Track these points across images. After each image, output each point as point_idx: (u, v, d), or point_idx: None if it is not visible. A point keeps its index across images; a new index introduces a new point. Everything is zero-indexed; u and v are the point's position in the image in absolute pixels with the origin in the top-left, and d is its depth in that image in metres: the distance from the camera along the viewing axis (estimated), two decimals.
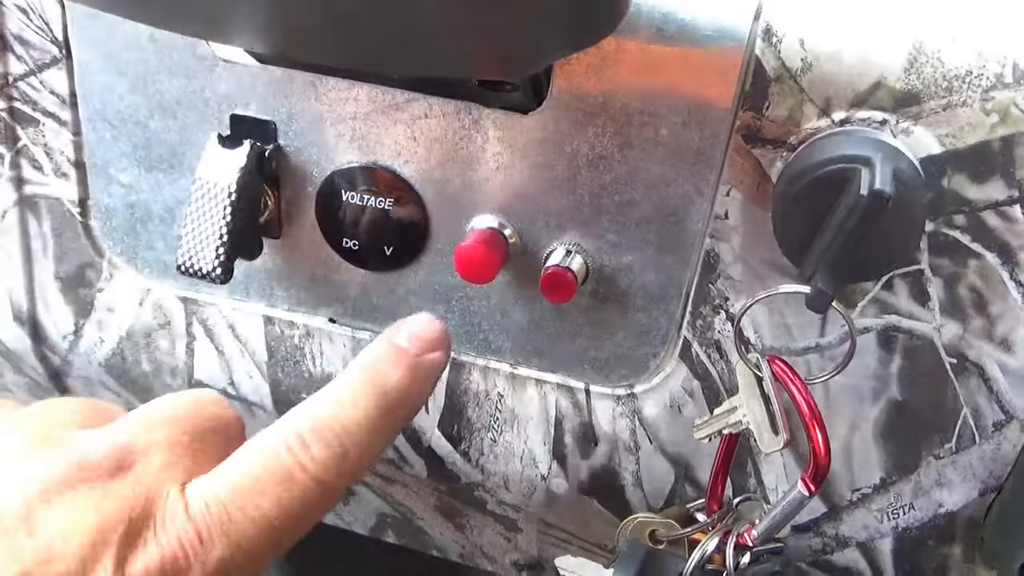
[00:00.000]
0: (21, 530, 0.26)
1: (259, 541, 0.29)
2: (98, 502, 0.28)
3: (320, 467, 0.30)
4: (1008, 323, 0.38)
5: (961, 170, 0.36)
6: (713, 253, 0.40)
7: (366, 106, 0.40)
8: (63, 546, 0.26)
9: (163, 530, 0.28)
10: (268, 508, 0.29)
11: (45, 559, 0.26)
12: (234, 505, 0.29)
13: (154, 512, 0.28)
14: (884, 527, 0.44)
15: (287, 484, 0.30)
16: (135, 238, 0.47)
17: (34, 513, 0.27)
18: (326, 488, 0.30)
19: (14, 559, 0.26)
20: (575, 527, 0.51)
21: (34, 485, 0.28)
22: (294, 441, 0.30)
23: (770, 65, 0.36)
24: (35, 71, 0.44)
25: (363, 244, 0.43)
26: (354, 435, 0.31)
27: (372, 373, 0.33)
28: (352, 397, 0.32)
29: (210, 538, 0.28)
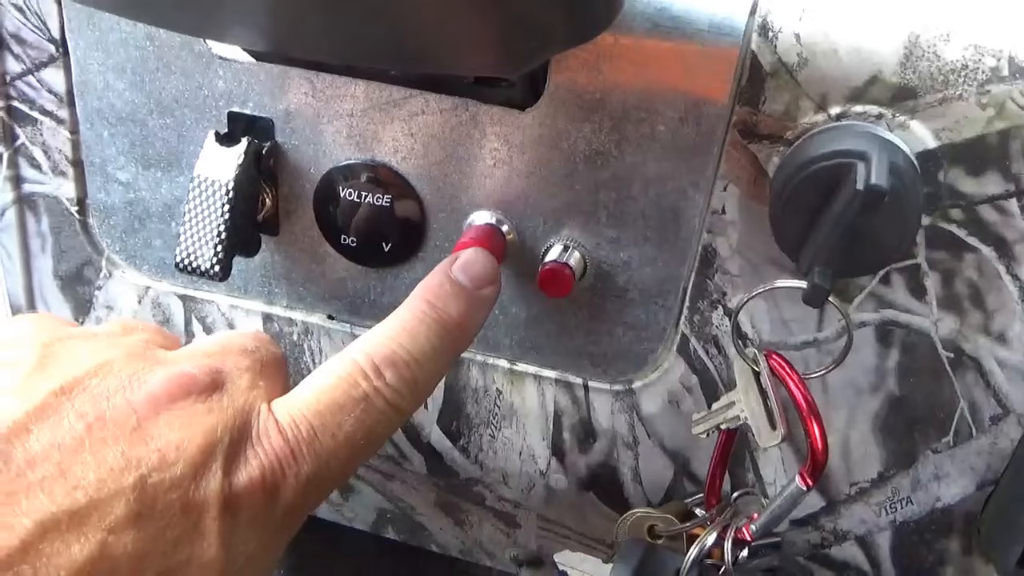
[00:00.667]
0: (135, 436, 0.28)
1: (342, 458, 0.31)
2: (202, 416, 0.29)
3: (393, 392, 0.33)
4: (1005, 317, 0.38)
5: (957, 164, 0.36)
6: (710, 248, 0.40)
7: (363, 103, 0.41)
8: (176, 454, 0.28)
9: (260, 444, 0.30)
10: (350, 428, 0.31)
11: (160, 465, 0.28)
12: (320, 423, 0.31)
13: (250, 428, 0.30)
14: (882, 521, 0.44)
15: (365, 406, 0.32)
16: (133, 236, 0.47)
17: (145, 422, 0.29)
18: (398, 411, 0.33)
19: (132, 464, 0.27)
20: (574, 522, 0.51)
21: (141, 395, 0.29)
22: (369, 367, 0.33)
23: (766, 60, 0.36)
24: (32, 70, 0.45)
25: (361, 241, 0.43)
26: (421, 364, 0.34)
27: (435, 308, 0.35)
28: (418, 328, 0.34)
29: (301, 454, 0.30)
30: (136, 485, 0.27)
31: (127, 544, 0.26)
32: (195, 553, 0.28)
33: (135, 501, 0.27)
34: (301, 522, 0.32)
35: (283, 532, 0.31)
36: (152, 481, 0.27)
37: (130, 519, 0.26)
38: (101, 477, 0.27)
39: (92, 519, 0.26)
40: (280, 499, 0.30)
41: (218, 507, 0.28)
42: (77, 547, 0.25)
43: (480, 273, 0.37)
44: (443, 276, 0.37)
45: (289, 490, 0.30)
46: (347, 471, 0.32)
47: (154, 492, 0.27)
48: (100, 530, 0.26)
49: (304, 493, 0.30)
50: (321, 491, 0.32)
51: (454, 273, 0.37)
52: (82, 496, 0.26)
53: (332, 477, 0.31)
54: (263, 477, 0.29)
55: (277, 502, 0.30)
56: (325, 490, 0.32)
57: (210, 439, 0.29)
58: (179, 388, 0.30)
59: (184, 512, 0.28)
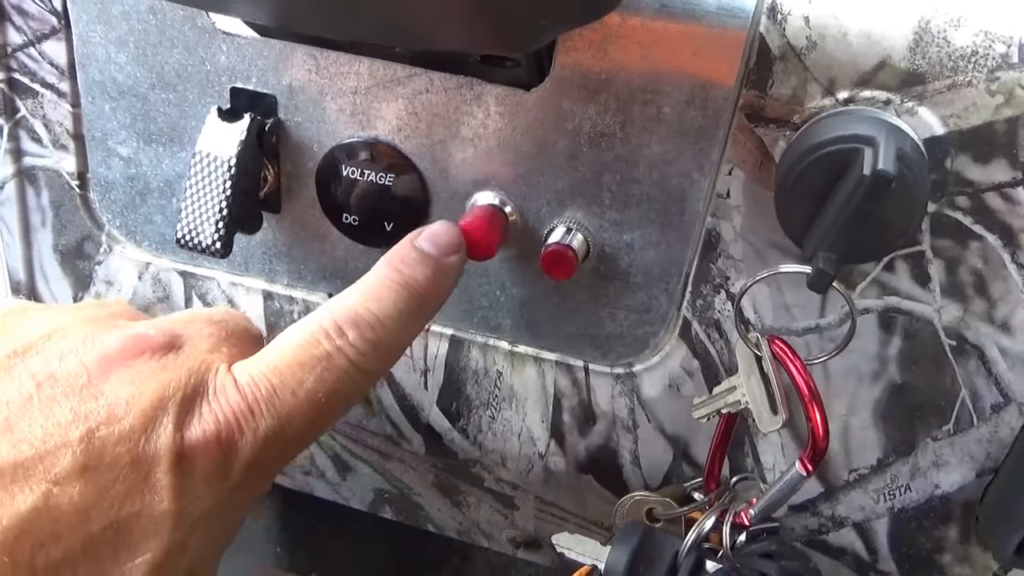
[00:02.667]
0: (85, 393, 0.29)
1: (303, 416, 0.31)
2: (154, 372, 0.30)
3: (356, 352, 0.33)
4: (1008, 305, 0.38)
5: (964, 151, 0.35)
6: (714, 232, 0.40)
7: (367, 80, 0.40)
8: (125, 408, 0.29)
9: (215, 400, 0.30)
10: (311, 385, 0.31)
11: (108, 419, 0.28)
12: (279, 381, 0.31)
13: (206, 385, 0.30)
14: (880, 508, 0.44)
15: (326, 364, 0.32)
16: (134, 211, 0.47)
17: (96, 379, 0.29)
18: (361, 372, 0.33)
19: (80, 418, 0.28)
20: (572, 505, 0.51)
21: (93, 354, 0.30)
22: (331, 327, 0.33)
23: (774, 43, 0.36)
24: (34, 42, 0.44)
25: (363, 219, 0.43)
26: (386, 326, 0.34)
27: (400, 273, 0.35)
28: (382, 292, 0.34)
29: (259, 410, 0.30)
30: (83, 438, 0.28)
31: (72, 495, 0.27)
32: (145, 506, 0.28)
33: (81, 453, 0.27)
34: (265, 481, 0.32)
35: (243, 490, 0.31)
36: (100, 434, 0.28)
37: (76, 471, 0.27)
38: (48, 431, 0.27)
39: (37, 471, 0.27)
40: (237, 455, 0.30)
41: (169, 461, 0.28)
42: (21, 497, 0.26)
43: (445, 242, 0.37)
44: (408, 244, 0.37)
45: (247, 446, 0.30)
46: (311, 430, 0.32)
47: (102, 445, 0.28)
48: (45, 481, 0.26)
49: (263, 450, 0.30)
50: (283, 449, 0.32)
51: (419, 243, 0.37)
52: (27, 448, 0.27)
53: (295, 435, 0.32)
54: (218, 432, 0.29)
55: (234, 458, 0.30)
56: (288, 448, 0.32)
57: (161, 394, 0.29)
58: (133, 347, 0.30)
59: (133, 465, 0.28)
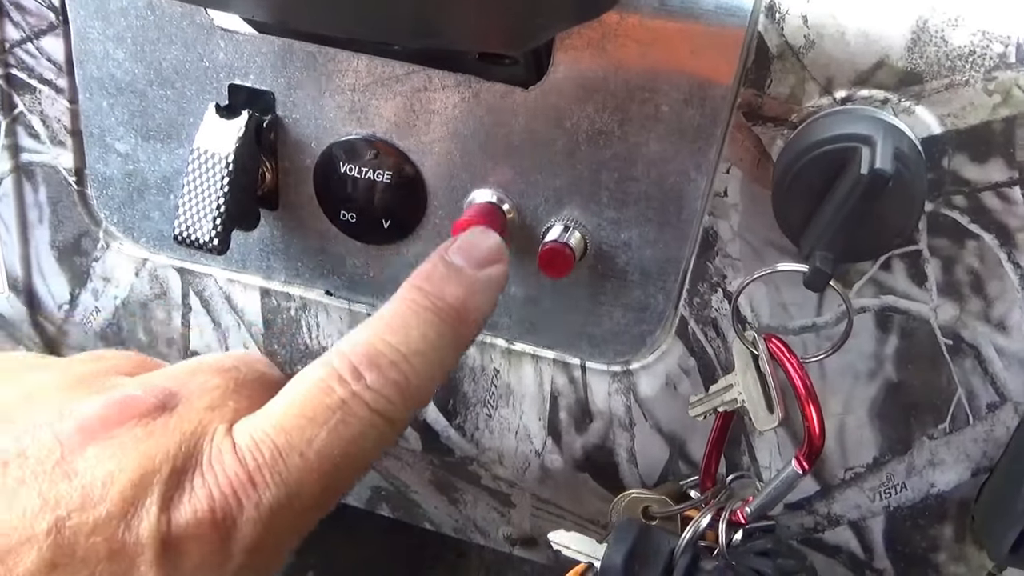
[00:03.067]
0: (57, 472, 0.25)
1: (316, 482, 0.27)
2: (139, 441, 0.26)
3: (376, 396, 0.28)
4: (1005, 305, 0.38)
5: (962, 151, 0.36)
6: (712, 231, 0.40)
7: (365, 78, 0.40)
8: (102, 490, 0.25)
9: (211, 471, 0.26)
10: (323, 445, 0.27)
11: (82, 504, 0.24)
12: (285, 443, 0.27)
13: (200, 452, 0.26)
14: (876, 506, 0.44)
15: (341, 416, 0.27)
16: (132, 208, 0.47)
17: (71, 454, 0.25)
18: (385, 419, 0.28)
19: (49, 505, 0.24)
20: (569, 503, 0.51)
21: (70, 424, 0.26)
22: (346, 369, 0.28)
23: (773, 42, 0.36)
24: (32, 37, 0.44)
25: (361, 217, 0.43)
26: (412, 360, 0.29)
27: (427, 295, 0.31)
28: (407, 320, 0.30)
29: (262, 479, 0.26)
30: (51, 530, 0.24)
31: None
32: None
33: (48, 549, 0.24)
34: (274, 563, 0.27)
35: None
36: (71, 524, 0.24)
37: (43, 570, 0.23)
38: (11, 524, 0.24)
39: (2, 570, 0.23)
40: (237, 537, 0.26)
41: (154, 550, 0.24)
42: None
43: (480, 253, 0.33)
44: (437, 259, 0.33)
45: (248, 525, 0.26)
46: (326, 497, 0.28)
47: (73, 537, 0.24)
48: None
49: (268, 527, 0.26)
50: (293, 524, 0.27)
51: (449, 255, 0.33)
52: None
53: (306, 506, 0.27)
54: (212, 511, 0.25)
55: (233, 540, 0.26)
56: (299, 522, 0.27)
57: (145, 469, 0.25)
58: (117, 413, 0.26)
59: (111, 559, 0.24)
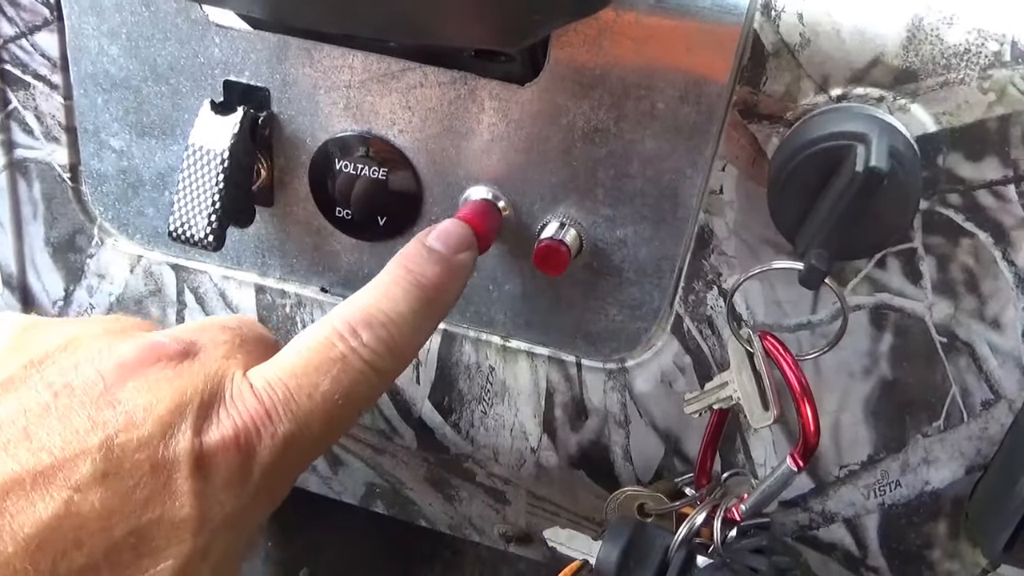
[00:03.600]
0: (102, 401, 0.28)
1: (321, 419, 0.31)
2: (171, 379, 0.30)
3: (370, 352, 0.33)
4: (999, 303, 0.38)
5: (957, 149, 0.36)
6: (707, 228, 0.40)
7: (361, 74, 0.40)
8: (143, 415, 0.28)
9: (233, 406, 0.30)
10: (327, 388, 0.31)
11: (127, 426, 0.28)
12: (295, 385, 0.31)
13: (223, 391, 0.30)
14: (870, 504, 0.44)
15: (341, 366, 0.32)
16: (126, 204, 0.47)
17: (113, 387, 0.29)
18: (377, 372, 0.33)
19: (98, 425, 0.28)
20: (564, 500, 0.51)
21: (110, 363, 0.30)
22: (345, 329, 0.33)
23: (768, 40, 0.36)
24: (26, 33, 0.44)
25: (356, 214, 0.43)
26: (399, 325, 0.34)
27: (412, 272, 0.35)
28: (394, 292, 0.35)
29: (277, 414, 0.30)
30: (102, 445, 0.27)
31: (94, 502, 0.26)
32: (166, 512, 0.28)
33: (101, 460, 0.27)
34: (284, 487, 0.32)
35: (263, 495, 0.30)
36: (119, 441, 0.28)
37: (96, 478, 0.27)
38: (67, 439, 0.27)
39: (57, 479, 0.26)
40: (256, 459, 0.30)
41: (189, 466, 0.28)
42: (42, 505, 0.26)
43: (455, 241, 0.37)
44: (418, 244, 0.37)
45: (266, 451, 0.30)
46: (329, 434, 0.32)
47: (121, 451, 0.27)
48: (65, 488, 0.26)
49: (282, 454, 0.30)
50: (302, 453, 0.32)
51: (429, 241, 0.37)
52: (47, 457, 0.27)
53: (313, 439, 0.31)
54: (236, 436, 0.29)
55: (253, 462, 0.30)
56: (306, 452, 0.32)
57: (179, 400, 0.29)
58: (149, 355, 0.30)
59: (153, 471, 0.28)
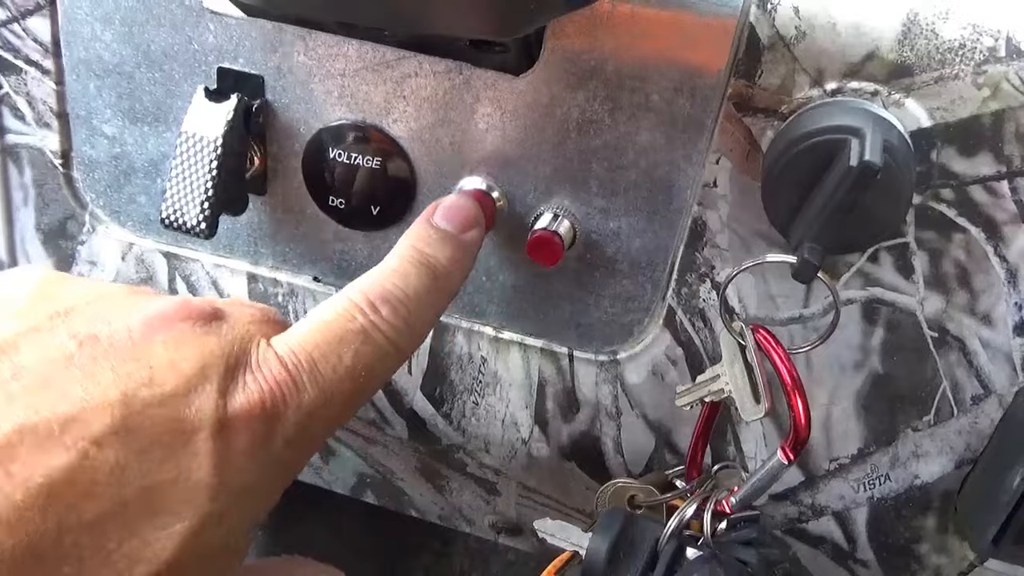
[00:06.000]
0: (127, 354, 0.28)
1: (343, 390, 0.31)
2: (198, 338, 0.29)
3: (390, 327, 0.33)
4: (990, 298, 0.38)
5: (950, 144, 0.36)
6: (700, 221, 0.40)
7: (356, 63, 0.40)
8: (168, 372, 0.28)
9: (259, 371, 0.30)
10: (349, 360, 0.31)
11: (150, 381, 0.27)
12: (320, 355, 0.31)
13: (249, 355, 0.30)
14: (860, 497, 0.44)
15: (364, 339, 0.32)
16: (118, 191, 0.47)
17: (140, 341, 0.29)
18: (395, 348, 0.33)
19: (121, 378, 0.27)
20: (554, 491, 0.51)
21: (138, 317, 0.29)
22: (364, 303, 0.33)
23: (764, 33, 0.36)
24: (17, 18, 0.44)
25: (349, 203, 0.43)
26: (414, 303, 0.34)
27: (423, 253, 0.36)
28: (407, 270, 0.35)
29: (302, 382, 0.30)
30: (124, 398, 0.27)
31: (109, 457, 0.26)
32: (183, 473, 0.27)
33: (121, 414, 0.27)
34: (303, 459, 0.32)
35: (283, 467, 0.30)
36: (141, 396, 0.27)
37: (114, 432, 0.26)
38: (88, 390, 0.27)
39: (74, 429, 0.26)
40: (280, 428, 0.29)
41: (211, 428, 0.28)
42: (57, 454, 0.25)
43: (463, 218, 0.38)
44: (426, 223, 0.37)
45: (291, 420, 0.29)
46: (349, 407, 0.32)
47: (143, 406, 0.27)
48: (82, 440, 0.26)
49: (306, 425, 0.30)
50: (323, 426, 0.31)
51: (436, 220, 0.37)
52: (66, 406, 0.26)
53: (334, 412, 0.31)
54: (263, 402, 0.29)
55: (277, 431, 0.29)
56: (327, 425, 0.32)
57: (206, 360, 0.29)
58: (177, 312, 0.30)
59: (174, 430, 0.27)
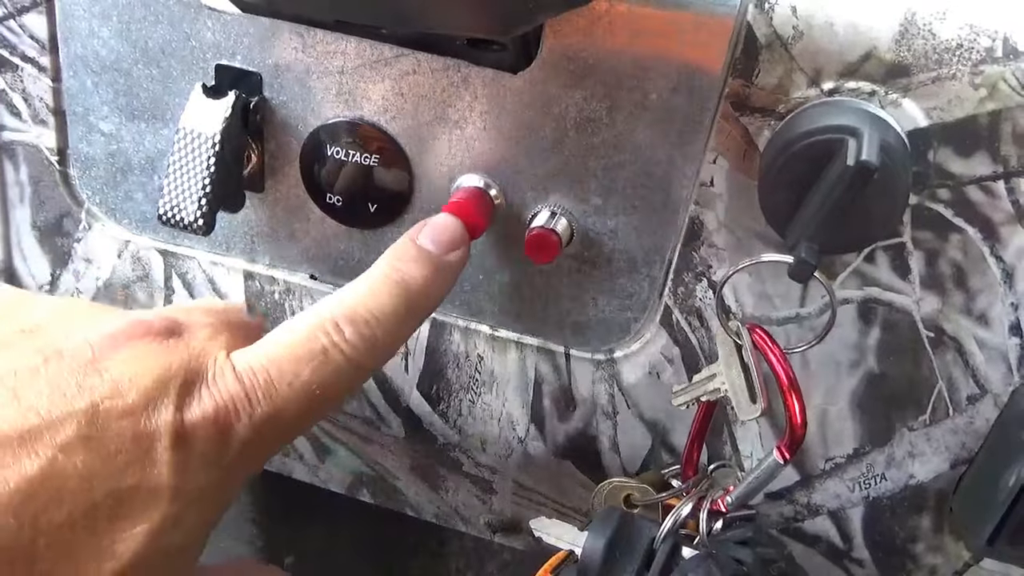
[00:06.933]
0: (90, 369, 0.29)
1: (298, 407, 0.32)
2: (156, 354, 0.31)
3: (352, 348, 0.33)
4: (987, 298, 0.38)
5: (947, 144, 0.36)
6: (697, 220, 0.40)
7: (354, 60, 0.40)
8: (128, 385, 0.29)
9: (215, 386, 0.31)
10: (307, 378, 0.32)
11: (112, 394, 0.29)
12: (276, 372, 0.32)
13: (205, 371, 0.31)
14: (855, 496, 0.44)
15: (323, 359, 0.33)
16: (115, 188, 0.47)
17: (101, 357, 0.30)
18: (356, 367, 0.34)
19: (84, 392, 0.29)
20: (550, 490, 0.51)
21: (98, 334, 0.31)
22: (329, 325, 0.33)
23: (761, 32, 0.36)
24: (14, 14, 0.44)
25: (347, 200, 0.43)
26: (382, 323, 0.34)
27: (398, 271, 0.36)
28: (380, 290, 0.35)
29: (256, 398, 0.31)
30: (88, 409, 0.28)
31: (77, 463, 0.27)
32: (145, 479, 0.29)
33: (86, 424, 0.28)
34: (257, 464, 0.33)
35: (236, 471, 0.31)
36: (104, 407, 0.28)
37: (81, 440, 0.28)
38: (54, 401, 0.28)
39: (44, 438, 0.27)
40: (233, 438, 0.31)
41: (170, 438, 0.29)
42: (27, 462, 0.27)
43: (446, 239, 0.38)
44: (408, 241, 0.38)
45: (242, 429, 0.31)
46: (304, 420, 0.33)
47: (106, 417, 0.28)
48: (51, 448, 0.27)
49: (258, 435, 0.31)
50: (277, 435, 0.33)
51: (420, 240, 0.38)
52: (34, 417, 0.28)
53: (288, 424, 0.32)
54: (216, 414, 0.30)
55: (230, 440, 0.31)
56: (281, 435, 0.33)
57: (164, 375, 0.30)
58: (136, 329, 0.31)
59: (135, 439, 0.29)
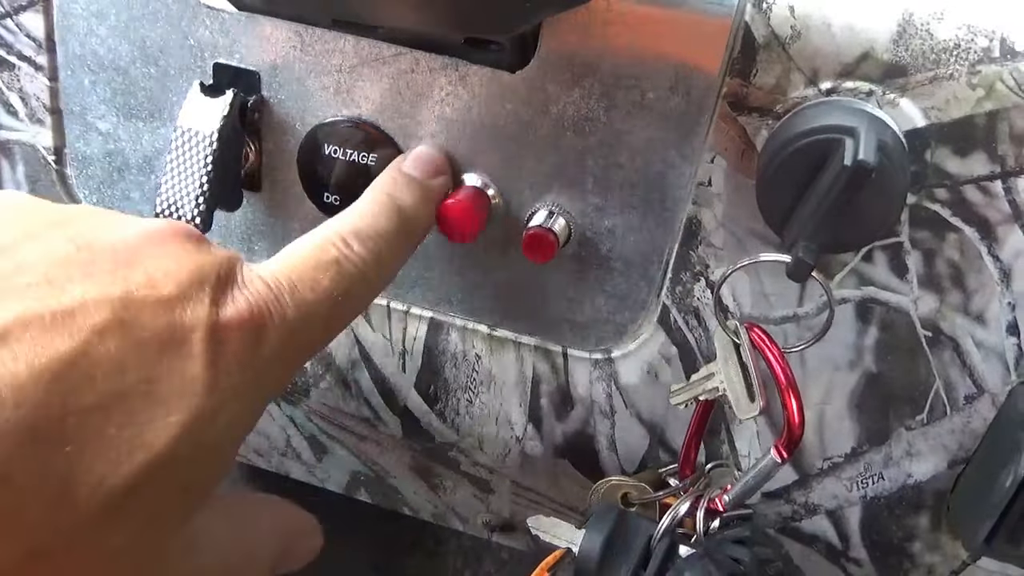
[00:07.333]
0: (124, 260, 0.29)
1: (322, 313, 0.33)
2: (190, 254, 0.31)
3: (361, 260, 0.35)
4: (984, 298, 0.38)
5: (945, 144, 0.36)
6: (695, 220, 0.40)
7: (352, 59, 0.40)
8: (164, 279, 0.29)
9: (246, 288, 0.31)
10: (327, 285, 0.33)
11: (147, 284, 0.29)
12: (299, 279, 0.33)
13: (235, 274, 0.31)
14: (853, 496, 0.44)
15: (338, 268, 0.34)
16: (112, 187, 0.47)
17: (135, 251, 0.30)
18: (367, 281, 0.35)
19: (118, 280, 0.28)
20: (548, 489, 0.51)
21: (133, 231, 0.31)
22: (338, 240, 0.35)
23: (759, 32, 0.36)
24: (10, 13, 0.43)
25: (345, 199, 0.42)
26: (384, 241, 0.36)
27: (390, 197, 0.38)
28: (377, 212, 0.37)
29: (284, 300, 0.32)
30: (123, 297, 0.28)
31: (110, 348, 0.27)
32: (179, 369, 0.28)
33: (121, 309, 0.28)
34: (286, 375, 0.34)
35: (267, 377, 0.31)
36: (139, 295, 0.28)
37: (115, 324, 0.27)
38: (87, 287, 0.28)
39: (76, 320, 0.27)
40: (266, 339, 0.31)
41: (204, 331, 0.29)
42: (59, 341, 0.26)
43: (430, 166, 0.40)
44: (396, 170, 0.39)
45: (274, 333, 0.31)
46: (328, 329, 0.35)
47: (141, 304, 0.28)
48: (83, 331, 0.27)
49: (288, 341, 0.32)
50: (305, 343, 0.33)
51: (405, 168, 0.40)
52: (68, 299, 0.27)
53: (315, 332, 0.33)
54: (250, 313, 0.30)
55: (263, 341, 0.31)
56: (308, 343, 0.34)
57: (199, 272, 0.30)
58: (171, 231, 0.31)
59: (170, 329, 0.28)
